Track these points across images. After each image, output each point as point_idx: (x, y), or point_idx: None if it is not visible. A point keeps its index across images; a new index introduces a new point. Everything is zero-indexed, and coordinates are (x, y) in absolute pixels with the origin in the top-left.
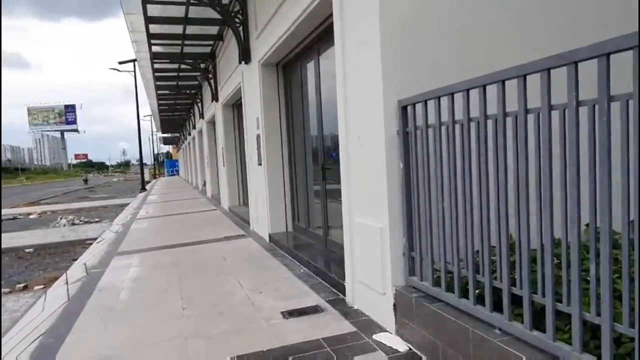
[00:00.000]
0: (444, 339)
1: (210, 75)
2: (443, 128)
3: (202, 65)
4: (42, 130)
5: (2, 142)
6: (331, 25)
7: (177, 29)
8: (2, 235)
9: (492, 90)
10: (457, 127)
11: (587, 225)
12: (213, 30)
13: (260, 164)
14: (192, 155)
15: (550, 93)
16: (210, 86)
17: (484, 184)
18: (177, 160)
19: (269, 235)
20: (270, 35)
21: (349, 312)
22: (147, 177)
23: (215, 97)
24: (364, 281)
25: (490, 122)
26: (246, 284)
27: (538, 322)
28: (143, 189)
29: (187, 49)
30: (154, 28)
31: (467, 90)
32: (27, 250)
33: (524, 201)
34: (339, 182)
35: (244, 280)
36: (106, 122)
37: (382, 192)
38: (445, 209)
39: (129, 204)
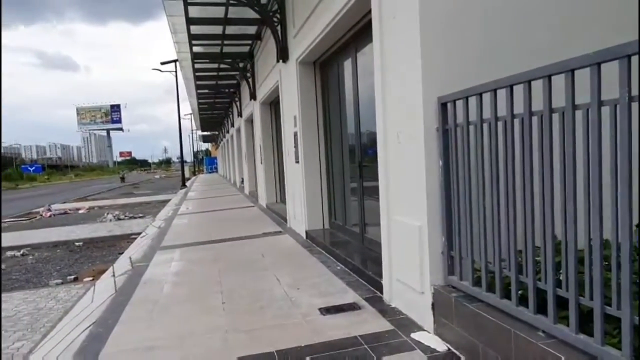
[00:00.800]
0: (484, 340)
1: (249, 74)
2: (485, 125)
3: (241, 65)
4: (90, 129)
5: (54, 141)
6: (369, 22)
7: (217, 30)
8: (57, 228)
9: (538, 86)
10: (500, 124)
11: (638, 225)
12: (251, 30)
13: (297, 162)
14: (230, 153)
15: (600, 89)
16: (249, 85)
17: (528, 182)
18: (215, 158)
19: (306, 232)
20: (307, 33)
21: (387, 310)
22: (187, 174)
23: (253, 96)
24: (402, 279)
25: (535, 119)
26: (284, 280)
27: (584, 326)
28: (183, 185)
29: (226, 49)
30: (195, 29)
31: (511, 87)
32: (77, 243)
33: (571, 200)
34: (376, 179)
35: (282, 276)
36: (149, 121)
37: (421, 190)
38: (487, 208)
39: (170, 200)
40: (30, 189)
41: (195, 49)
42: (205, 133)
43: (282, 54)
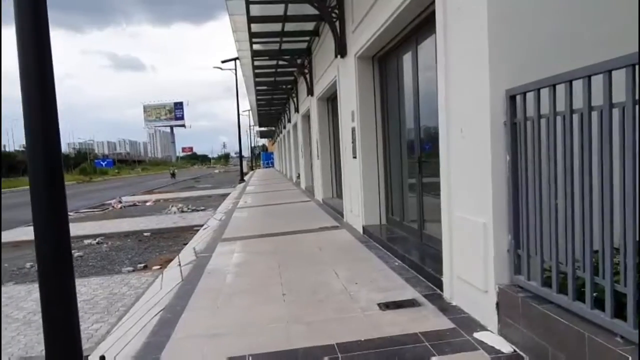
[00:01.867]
0: (555, 343)
1: (306, 71)
2: (559, 118)
3: (299, 61)
4: (155, 126)
5: (123, 137)
6: (431, 14)
7: (276, 27)
8: (127, 219)
9: (620, 76)
10: (576, 117)
11: None
12: (309, 26)
13: (355, 157)
14: (286, 148)
15: None
16: (306, 81)
17: (607, 179)
18: (272, 153)
19: (363, 227)
20: (367, 28)
21: (447, 308)
22: (244, 169)
23: (310, 92)
24: (464, 277)
25: (616, 111)
26: (342, 274)
27: None
28: (242, 180)
29: (284, 46)
30: (255, 27)
31: (589, 77)
32: (145, 234)
33: None
34: (435, 175)
35: (340, 271)
36: (209, 118)
37: (486, 186)
38: (559, 205)
39: (229, 194)
40: (103, 182)
41: (255, 46)
42: (262, 129)
43: (341, 50)
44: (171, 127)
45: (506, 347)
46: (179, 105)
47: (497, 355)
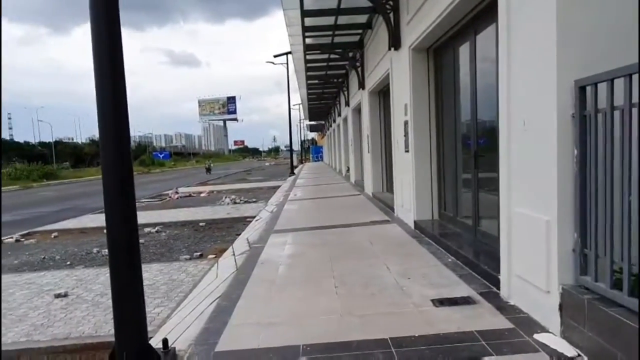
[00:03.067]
0: (625, 349)
1: (358, 64)
2: (635, 110)
3: (350, 54)
4: (209, 120)
5: (179, 130)
6: (492, 3)
7: (329, 21)
8: (183, 209)
9: None
10: None
11: None
12: (362, 19)
13: (407, 151)
14: (336, 142)
15: None
16: (358, 74)
17: None
18: (321, 147)
19: (414, 222)
20: (422, 19)
21: (504, 307)
22: (294, 162)
23: (361, 85)
24: (523, 276)
25: None
26: (393, 268)
27: None
28: (292, 173)
29: (337, 39)
30: (309, 21)
31: None
32: (200, 223)
33: None
34: (491, 170)
35: (391, 265)
36: (260, 112)
37: (551, 181)
38: (634, 203)
39: (280, 186)
40: (160, 174)
41: (308, 40)
42: (312, 122)
43: (394, 42)
44: (224, 120)
45: (569, 351)
46: (231, 100)
47: (559, 358)
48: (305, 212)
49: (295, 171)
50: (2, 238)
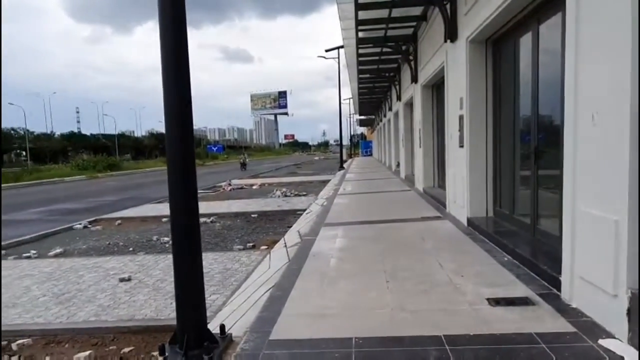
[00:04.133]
0: None
1: (411, 57)
2: None
3: (403, 48)
4: (260, 114)
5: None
6: None
7: (383, 13)
8: (236, 201)
9: None
10: None
11: None
12: (417, 11)
13: (461, 146)
14: (386, 137)
15: None
16: (410, 67)
17: None
18: (370, 141)
19: (468, 219)
20: (481, 9)
21: (566, 310)
22: (343, 156)
23: (414, 79)
24: (587, 278)
25: None
26: (446, 265)
27: None
28: (341, 167)
29: (390, 32)
30: (362, 14)
31: None
32: (252, 215)
33: None
34: (552, 167)
35: (444, 262)
36: (310, 106)
37: (621, 179)
38: None
39: (329, 180)
40: (214, 166)
41: (360, 34)
42: (361, 117)
43: (451, 34)
44: (275, 115)
45: (637, 359)
46: (282, 94)
47: None
48: (355, 207)
49: (345, 165)
50: (72, 224)
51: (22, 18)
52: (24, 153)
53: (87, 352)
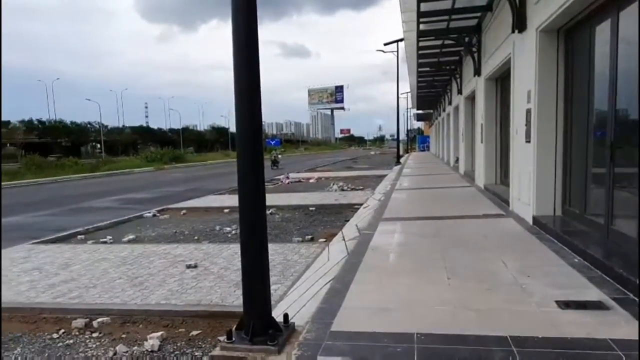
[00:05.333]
0: None
1: (474, 49)
2: None
3: (467, 40)
4: (317, 108)
5: (289, 119)
6: None
7: (446, 5)
8: (294, 193)
9: None
10: None
11: None
12: (482, 1)
13: (528, 141)
14: (444, 131)
15: None
16: (473, 60)
17: None
18: (427, 136)
19: (533, 217)
20: None
21: None
22: (400, 151)
23: (477, 72)
24: None
25: None
26: (511, 264)
27: None
28: (398, 162)
29: (452, 24)
30: (424, 6)
31: None
32: (310, 208)
33: None
34: (631, 164)
35: (508, 261)
36: (366, 101)
37: None
38: None
39: (386, 175)
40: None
41: (421, 26)
42: (419, 112)
43: (519, 23)
44: (331, 109)
45: None
46: (339, 89)
47: None
48: (413, 202)
49: (401, 160)
50: (142, 213)
51: (96, 20)
52: (98, 145)
53: (159, 333)
